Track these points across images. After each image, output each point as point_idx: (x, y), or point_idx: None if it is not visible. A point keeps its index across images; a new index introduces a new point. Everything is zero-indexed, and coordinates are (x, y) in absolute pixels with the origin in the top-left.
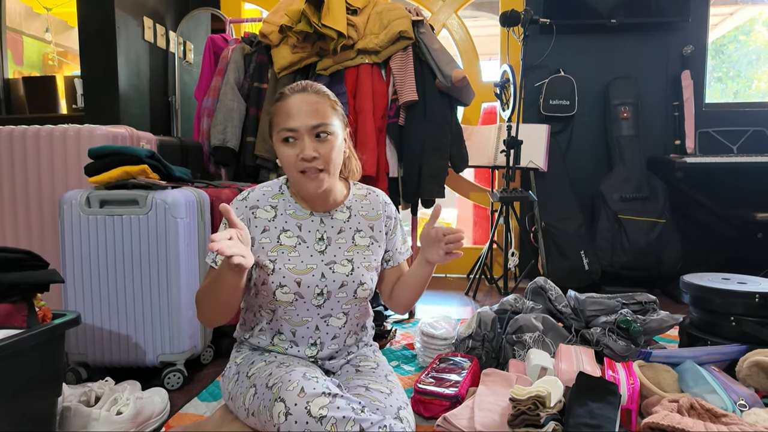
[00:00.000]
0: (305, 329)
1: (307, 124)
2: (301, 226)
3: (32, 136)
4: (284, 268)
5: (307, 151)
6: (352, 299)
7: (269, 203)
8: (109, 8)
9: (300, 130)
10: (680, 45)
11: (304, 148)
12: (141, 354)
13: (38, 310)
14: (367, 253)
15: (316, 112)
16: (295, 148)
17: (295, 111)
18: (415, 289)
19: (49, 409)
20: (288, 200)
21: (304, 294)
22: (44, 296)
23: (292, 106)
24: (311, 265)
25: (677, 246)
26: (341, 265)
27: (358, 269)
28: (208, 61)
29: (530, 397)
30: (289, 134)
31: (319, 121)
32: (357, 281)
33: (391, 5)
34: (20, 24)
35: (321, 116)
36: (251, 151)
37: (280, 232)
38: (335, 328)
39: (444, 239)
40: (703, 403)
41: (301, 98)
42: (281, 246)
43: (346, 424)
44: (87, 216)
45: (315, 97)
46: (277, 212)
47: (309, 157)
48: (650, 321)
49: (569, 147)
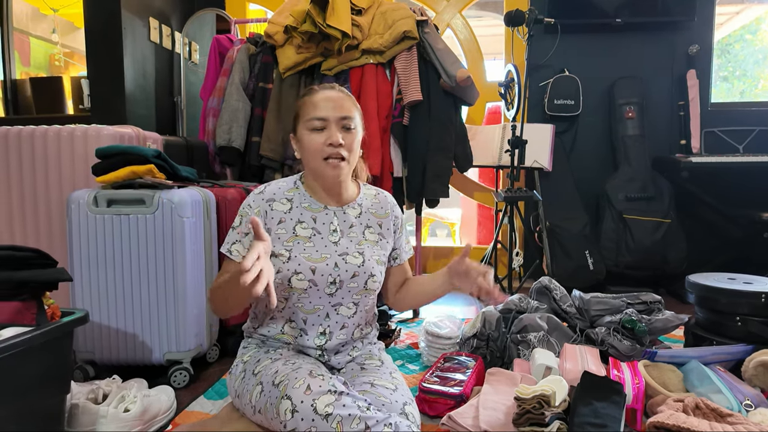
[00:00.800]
0: (316, 317)
1: (336, 115)
2: (315, 218)
3: (40, 136)
4: (300, 256)
5: (335, 137)
6: (363, 290)
7: (285, 196)
8: (115, 9)
9: (329, 119)
10: (686, 44)
11: (332, 134)
12: (148, 352)
13: (47, 308)
14: (375, 248)
15: (342, 107)
16: (322, 135)
17: (323, 103)
18: (427, 299)
19: (58, 407)
20: (303, 194)
21: (318, 282)
22: (52, 294)
23: (321, 100)
24: (325, 255)
25: (682, 246)
26: (353, 256)
27: (368, 261)
28: (214, 62)
29: (535, 396)
30: (318, 123)
31: (346, 114)
32: (368, 273)
33: (395, 5)
34: (27, 25)
35: (347, 110)
36: (256, 151)
37: (295, 223)
38: (344, 317)
39: (477, 282)
40: (709, 402)
41: (329, 94)
42: (297, 237)
43: (352, 421)
44: (94, 215)
45: (341, 95)
46: (293, 205)
47: (336, 142)
48: (655, 321)
49: (574, 147)
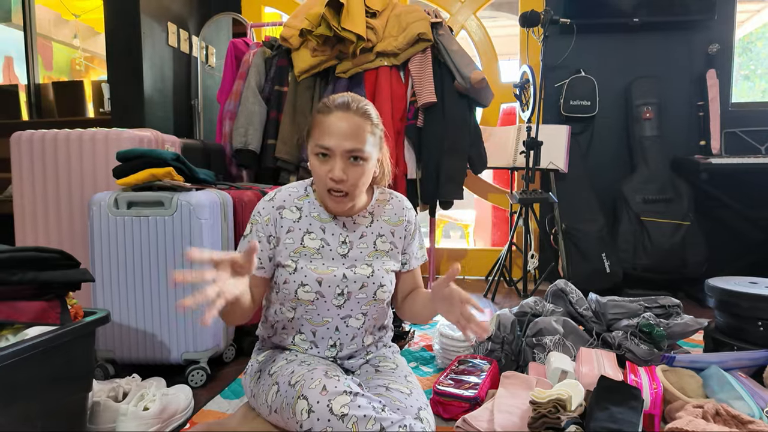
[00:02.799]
0: (325, 330)
1: (342, 147)
2: (324, 229)
3: (63, 139)
4: (306, 268)
5: (337, 172)
6: (372, 300)
7: (295, 204)
8: (135, 14)
9: (334, 150)
10: (705, 43)
11: (334, 168)
12: (166, 352)
13: (70, 308)
14: (386, 258)
15: (354, 136)
16: (326, 165)
17: (334, 129)
18: (422, 319)
19: (81, 404)
20: (313, 203)
21: (325, 293)
22: (75, 294)
23: (332, 124)
24: (333, 267)
25: (702, 248)
26: (362, 267)
27: (378, 272)
28: (230, 65)
29: (551, 400)
30: (323, 151)
31: (354, 146)
32: (377, 283)
33: (409, 8)
34: (50, 31)
35: (358, 141)
36: (272, 153)
37: (303, 233)
38: (354, 328)
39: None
40: (729, 409)
41: (342, 116)
42: (304, 248)
43: (367, 422)
44: (115, 217)
45: (356, 119)
46: (302, 213)
47: (337, 179)
48: (674, 325)
49: (590, 148)
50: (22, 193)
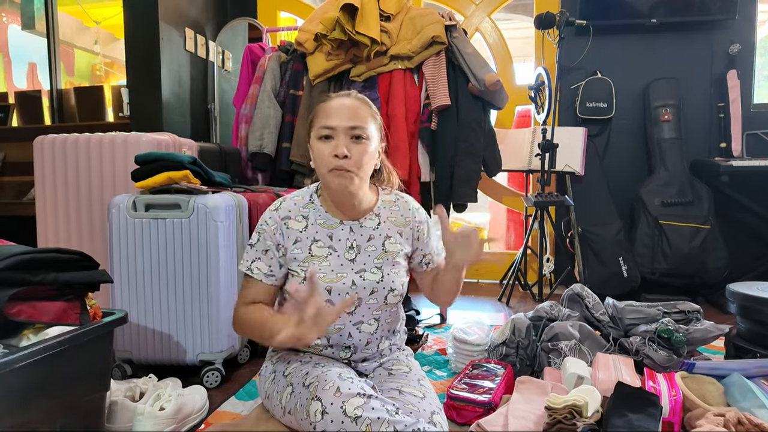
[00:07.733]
0: (338, 336)
1: (345, 124)
2: (331, 235)
3: (83, 143)
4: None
5: (341, 148)
6: (383, 305)
7: (300, 213)
8: (153, 20)
9: (337, 129)
10: (726, 43)
11: (338, 145)
12: (182, 352)
13: (90, 309)
14: (396, 259)
15: (355, 115)
16: (329, 144)
17: (335, 111)
18: (449, 290)
19: (99, 403)
20: (318, 209)
21: (335, 301)
22: (93, 295)
23: (333, 107)
24: (341, 274)
25: (723, 253)
26: (371, 272)
27: (387, 276)
28: (246, 70)
29: (566, 406)
30: (326, 131)
31: (356, 123)
32: (387, 288)
33: (423, 11)
34: (72, 37)
35: (359, 119)
36: (287, 157)
37: (311, 242)
38: (367, 334)
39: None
40: (752, 418)
41: (342, 101)
42: (313, 257)
43: (381, 425)
44: (133, 219)
45: (356, 102)
46: (308, 222)
47: (341, 154)
48: (694, 331)
49: (607, 150)
50: (45, 195)
